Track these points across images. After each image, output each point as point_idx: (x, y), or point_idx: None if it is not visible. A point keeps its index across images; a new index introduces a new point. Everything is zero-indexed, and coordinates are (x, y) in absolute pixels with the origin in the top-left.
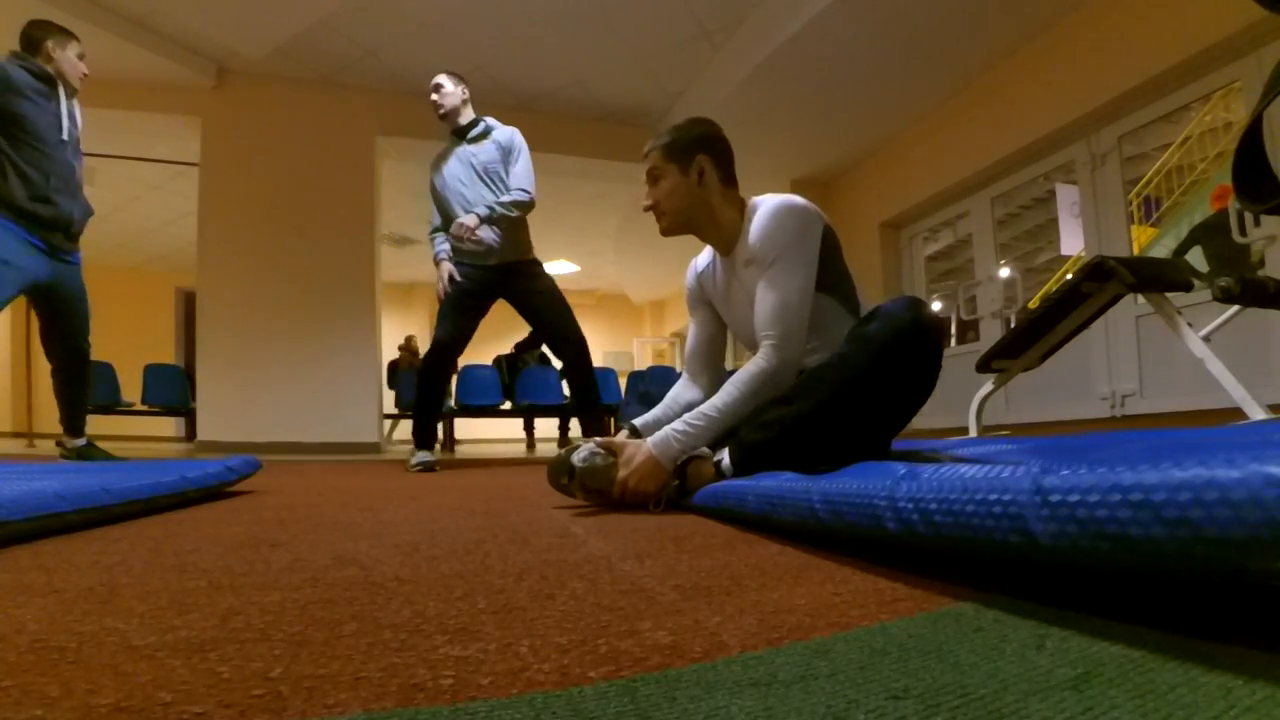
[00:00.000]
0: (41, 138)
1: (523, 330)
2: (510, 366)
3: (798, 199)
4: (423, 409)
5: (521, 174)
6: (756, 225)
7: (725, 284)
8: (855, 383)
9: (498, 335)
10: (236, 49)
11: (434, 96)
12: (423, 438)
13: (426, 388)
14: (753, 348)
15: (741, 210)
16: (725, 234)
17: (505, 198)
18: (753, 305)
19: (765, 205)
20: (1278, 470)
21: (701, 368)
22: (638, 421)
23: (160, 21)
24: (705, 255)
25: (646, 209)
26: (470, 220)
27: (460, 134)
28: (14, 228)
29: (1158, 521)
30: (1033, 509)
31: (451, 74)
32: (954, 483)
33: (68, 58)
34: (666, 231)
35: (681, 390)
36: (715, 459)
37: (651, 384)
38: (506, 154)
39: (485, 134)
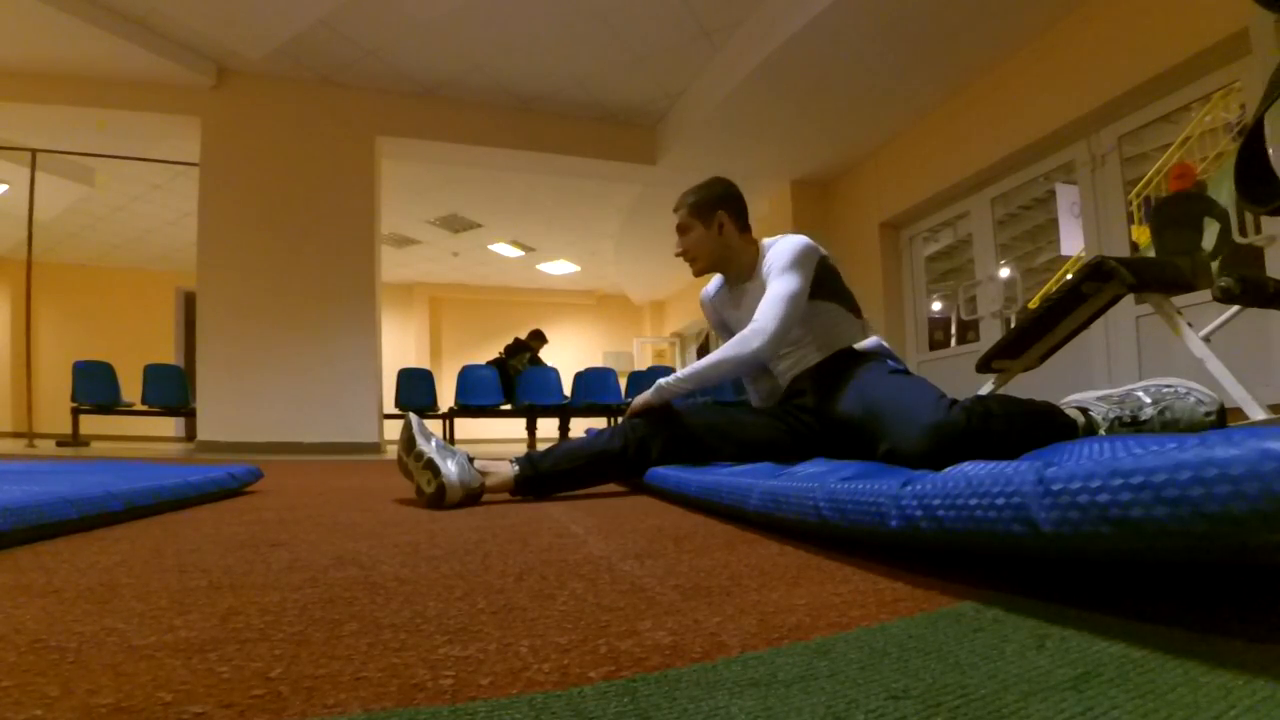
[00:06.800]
0: None
1: (508, 337)
2: (501, 371)
3: (802, 237)
4: None
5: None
6: (769, 256)
7: (735, 304)
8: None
9: (493, 336)
10: (236, 49)
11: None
12: None
13: None
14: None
15: (756, 249)
16: (743, 270)
17: None
18: None
19: (777, 243)
20: (1275, 445)
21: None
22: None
23: (160, 21)
24: (714, 283)
25: (678, 255)
26: None
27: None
28: None
29: (1159, 502)
30: (1036, 498)
31: None
32: (959, 479)
33: None
34: (699, 273)
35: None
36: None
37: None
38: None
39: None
